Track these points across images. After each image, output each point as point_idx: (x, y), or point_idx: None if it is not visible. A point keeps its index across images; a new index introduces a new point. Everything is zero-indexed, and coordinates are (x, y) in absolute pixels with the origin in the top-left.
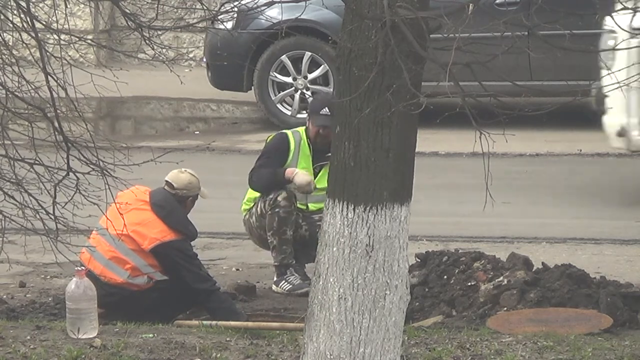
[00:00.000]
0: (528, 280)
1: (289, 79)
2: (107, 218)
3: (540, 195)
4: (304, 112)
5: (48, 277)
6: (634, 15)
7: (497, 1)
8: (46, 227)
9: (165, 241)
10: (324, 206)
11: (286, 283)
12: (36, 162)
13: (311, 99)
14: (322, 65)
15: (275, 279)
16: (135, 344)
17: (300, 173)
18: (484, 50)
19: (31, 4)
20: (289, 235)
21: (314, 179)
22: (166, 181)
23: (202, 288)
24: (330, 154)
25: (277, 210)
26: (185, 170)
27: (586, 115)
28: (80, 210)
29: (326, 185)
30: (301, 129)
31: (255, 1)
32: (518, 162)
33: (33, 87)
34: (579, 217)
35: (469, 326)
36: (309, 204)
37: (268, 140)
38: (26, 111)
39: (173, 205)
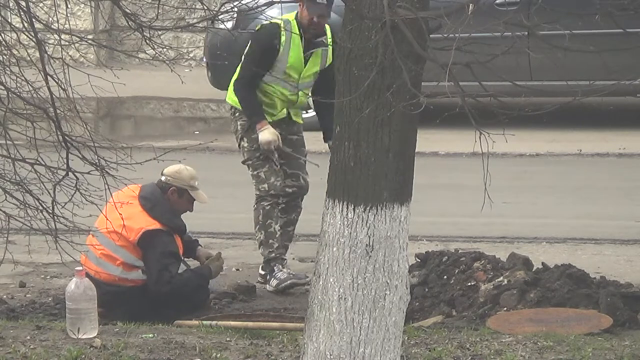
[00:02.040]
0: (528, 281)
1: None
2: (106, 217)
3: (540, 195)
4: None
5: (48, 277)
6: None
7: (497, 1)
8: (48, 226)
9: (150, 229)
10: (324, 205)
11: (274, 279)
12: (37, 162)
13: None
14: None
15: (262, 272)
16: (135, 344)
17: (265, 131)
18: (484, 51)
19: (31, 4)
20: (274, 228)
21: (305, 66)
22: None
23: (161, 290)
24: (320, 39)
25: (262, 203)
26: (183, 161)
27: None
28: (81, 210)
29: (317, 70)
30: (291, 16)
31: (256, 1)
32: (518, 162)
33: (33, 87)
34: (579, 217)
35: (469, 326)
36: (299, 93)
37: (258, 31)
38: (26, 111)
39: (158, 197)
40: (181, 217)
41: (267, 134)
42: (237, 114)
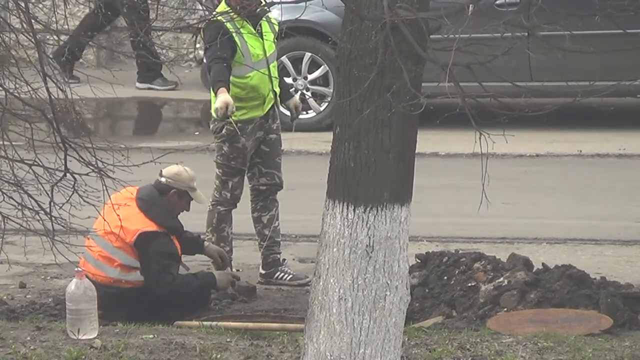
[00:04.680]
0: (528, 281)
1: (289, 80)
2: (104, 219)
3: (541, 196)
4: (304, 112)
5: (48, 278)
6: None
7: (497, 2)
8: (45, 228)
9: (146, 231)
10: (324, 206)
11: None
12: (35, 163)
13: None
14: (322, 66)
15: None
16: (135, 344)
17: (219, 99)
18: (484, 51)
19: (30, 4)
20: (227, 232)
21: (262, 39)
22: (159, 172)
23: (162, 292)
24: (257, 9)
25: (218, 207)
26: (180, 164)
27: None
28: (79, 211)
29: (273, 36)
30: (223, 7)
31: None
32: (518, 162)
33: (32, 88)
34: (579, 218)
35: (469, 327)
36: (271, 66)
37: (205, 30)
38: (25, 112)
39: (155, 199)
40: (178, 218)
41: (218, 101)
42: (222, 122)
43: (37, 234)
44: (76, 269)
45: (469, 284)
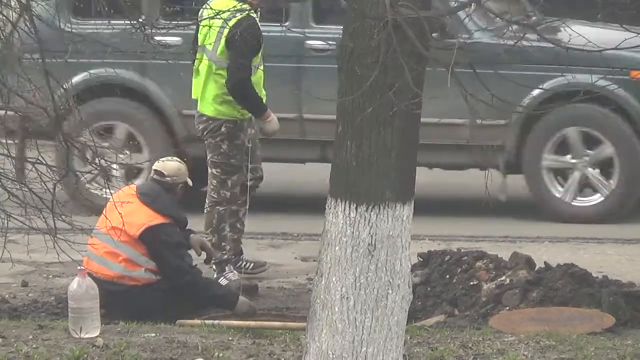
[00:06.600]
0: (530, 280)
1: None
2: (106, 217)
3: None
4: None
5: (50, 276)
6: None
7: None
8: (48, 226)
9: (153, 225)
10: (327, 205)
11: (224, 279)
12: (38, 161)
13: None
14: None
15: (214, 275)
16: (137, 343)
17: (271, 122)
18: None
19: (32, 2)
20: (226, 231)
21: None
22: (155, 170)
23: (183, 281)
24: None
25: (217, 207)
26: (172, 158)
27: None
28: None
29: None
30: (232, 2)
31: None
32: None
33: (34, 85)
34: None
35: (471, 325)
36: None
37: (250, 26)
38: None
39: (158, 192)
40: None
41: (273, 125)
42: (220, 121)
43: (40, 232)
44: (79, 267)
45: (471, 283)
